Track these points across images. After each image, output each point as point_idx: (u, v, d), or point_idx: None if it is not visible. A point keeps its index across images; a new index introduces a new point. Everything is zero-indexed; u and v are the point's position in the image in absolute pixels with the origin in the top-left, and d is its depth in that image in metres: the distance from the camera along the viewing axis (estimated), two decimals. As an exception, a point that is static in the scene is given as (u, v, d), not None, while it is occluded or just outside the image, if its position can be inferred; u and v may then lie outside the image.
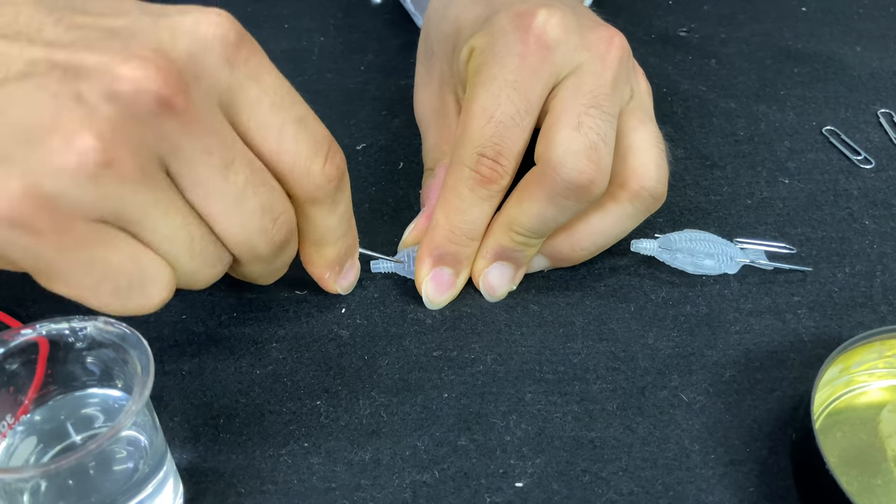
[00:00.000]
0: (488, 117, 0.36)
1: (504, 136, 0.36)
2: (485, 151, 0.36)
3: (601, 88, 0.36)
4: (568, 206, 0.36)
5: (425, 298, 0.39)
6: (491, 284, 0.40)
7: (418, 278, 0.39)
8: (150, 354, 0.28)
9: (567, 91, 0.36)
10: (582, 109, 0.36)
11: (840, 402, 0.36)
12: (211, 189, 0.29)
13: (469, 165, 0.37)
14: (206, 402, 0.36)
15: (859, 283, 0.41)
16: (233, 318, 0.39)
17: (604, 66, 0.37)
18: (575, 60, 0.37)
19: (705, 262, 0.41)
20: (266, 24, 0.59)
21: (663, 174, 0.38)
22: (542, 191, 0.36)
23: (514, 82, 0.36)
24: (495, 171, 0.36)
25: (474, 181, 0.37)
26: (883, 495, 0.33)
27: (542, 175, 0.36)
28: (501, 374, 0.37)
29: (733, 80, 0.55)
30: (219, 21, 0.29)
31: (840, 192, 0.47)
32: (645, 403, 0.36)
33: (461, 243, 0.38)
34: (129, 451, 0.30)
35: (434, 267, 0.39)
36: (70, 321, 0.29)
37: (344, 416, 0.35)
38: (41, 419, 0.30)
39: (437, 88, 0.43)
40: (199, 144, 0.28)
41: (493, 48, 0.37)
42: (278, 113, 0.31)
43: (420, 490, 0.33)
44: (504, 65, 0.36)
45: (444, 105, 0.43)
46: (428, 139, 0.43)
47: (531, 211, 0.37)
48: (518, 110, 0.36)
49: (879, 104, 0.53)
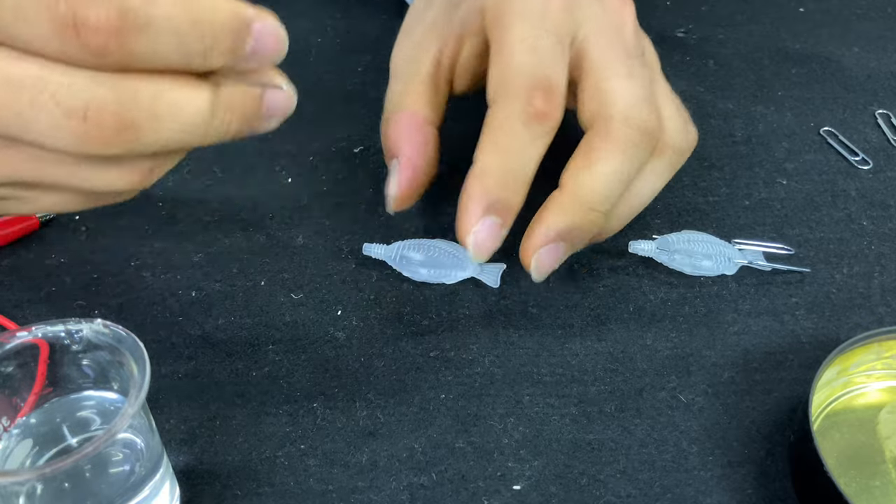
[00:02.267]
0: (530, 47, 0.34)
1: (549, 65, 0.34)
2: (537, 84, 0.33)
3: (629, 41, 0.36)
4: (640, 156, 0.35)
5: (472, 250, 0.35)
6: (546, 265, 0.36)
7: (464, 229, 0.35)
8: (146, 357, 0.28)
9: (600, 46, 0.35)
10: (626, 60, 0.35)
11: (838, 403, 0.36)
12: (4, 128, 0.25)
13: (522, 99, 0.33)
14: (202, 405, 0.36)
15: (857, 285, 0.41)
16: (229, 321, 0.39)
17: (622, 21, 0.37)
18: (593, 13, 0.36)
19: (703, 264, 0.41)
20: (263, 25, 0.59)
21: (683, 127, 0.37)
22: (616, 146, 0.34)
23: (542, 19, 0.35)
24: (550, 104, 0.33)
25: (528, 115, 0.33)
26: (881, 496, 0.32)
27: (610, 129, 0.34)
28: (499, 376, 0.37)
29: (731, 81, 0.55)
30: None
31: (838, 193, 0.47)
32: (643, 405, 0.36)
33: (514, 189, 0.34)
34: (125, 454, 0.29)
35: (483, 216, 0.34)
36: (66, 323, 0.29)
37: (340, 417, 0.35)
38: (37, 422, 0.30)
39: (420, 37, 0.40)
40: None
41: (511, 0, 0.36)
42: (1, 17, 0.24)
43: (417, 493, 0.33)
44: (529, 9, 0.35)
45: (420, 53, 0.40)
46: (395, 84, 0.40)
47: (606, 171, 0.34)
48: (554, 42, 0.34)
49: (877, 105, 0.53)
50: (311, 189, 0.46)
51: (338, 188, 0.46)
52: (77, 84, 0.25)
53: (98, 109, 0.25)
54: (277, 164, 0.48)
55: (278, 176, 0.47)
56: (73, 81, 0.25)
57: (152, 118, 0.27)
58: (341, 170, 0.47)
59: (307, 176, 0.47)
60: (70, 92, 0.25)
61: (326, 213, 0.44)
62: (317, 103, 0.52)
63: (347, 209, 0.45)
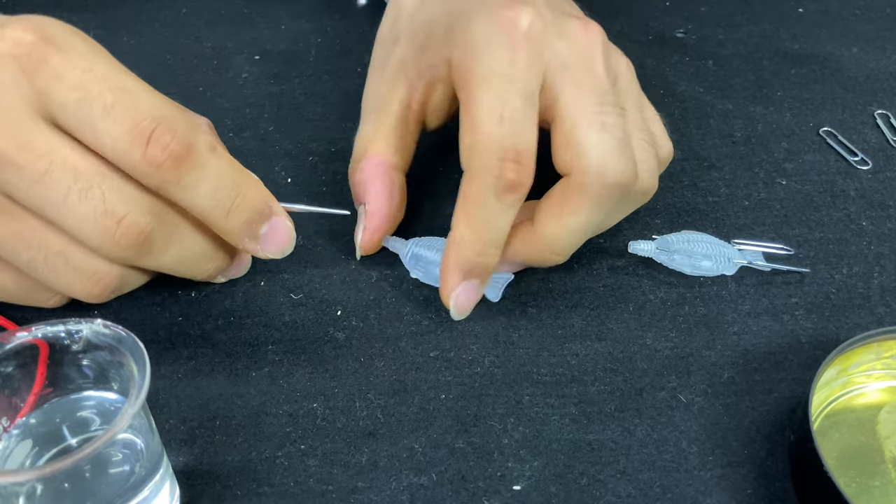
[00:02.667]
0: (498, 116, 0.34)
1: (519, 133, 0.34)
2: (506, 155, 0.34)
3: (600, 83, 0.36)
4: (611, 208, 0.36)
5: (454, 311, 0.38)
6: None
7: (445, 292, 0.37)
8: (146, 357, 0.28)
9: (569, 92, 0.36)
10: (595, 109, 0.35)
11: (838, 403, 0.36)
12: (37, 201, 0.30)
13: (492, 173, 0.34)
14: (202, 405, 0.36)
15: (857, 285, 0.41)
16: (228, 321, 0.39)
17: (590, 56, 0.36)
18: (559, 51, 0.36)
19: (703, 264, 0.41)
20: (263, 24, 0.59)
21: (650, 168, 0.37)
22: (587, 199, 0.35)
23: (511, 76, 0.35)
24: (520, 175, 0.34)
25: (501, 188, 0.34)
26: (881, 497, 0.32)
27: (585, 184, 0.35)
28: (499, 376, 0.37)
29: (730, 82, 0.55)
30: (10, 35, 0.30)
31: (837, 193, 0.47)
32: (643, 405, 0.36)
33: (490, 255, 0.37)
34: (125, 454, 0.29)
35: (463, 281, 0.37)
36: (66, 323, 0.29)
37: (340, 418, 0.35)
38: (37, 422, 0.30)
39: (391, 75, 0.41)
40: (5, 161, 0.29)
41: (476, 50, 0.35)
42: (85, 107, 0.30)
43: (417, 493, 0.33)
44: (495, 60, 0.35)
45: (390, 90, 0.41)
46: (364, 127, 0.42)
47: (577, 224, 0.36)
48: (524, 103, 0.35)
49: (876, 105, 0.53)
50: (311, 189, 0.46)
51: (337, 188, 0.46)
52: (126, 192, 0.31)
53: (134, 219, 0.31)
54: (277, 164, 0.47)
55: (278, 176, 0.47)
56: (125, 189, 0.31)
57: (167, 241, 0.33)
58: (340, 170, 0.47)
59: (306, 176, 0.47)
60: (119, 196, 0.31)
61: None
62: (316, 103, 0.52)
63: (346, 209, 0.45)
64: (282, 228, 0.35)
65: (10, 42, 0.30)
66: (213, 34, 0.58)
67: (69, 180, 0.30)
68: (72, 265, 0.33)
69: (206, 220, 0.33)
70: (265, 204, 0.35)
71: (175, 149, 0.30)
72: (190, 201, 0.32)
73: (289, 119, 0.51)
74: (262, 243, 0.35)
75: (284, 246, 0.36)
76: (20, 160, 0.29)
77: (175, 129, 0.30)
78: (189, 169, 0.31)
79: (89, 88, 0.30)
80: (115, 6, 0.60)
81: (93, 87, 0.30)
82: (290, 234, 0.36)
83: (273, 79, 0.54)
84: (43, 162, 0.30)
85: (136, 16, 0.60)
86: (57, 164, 0.30)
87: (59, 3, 0.60)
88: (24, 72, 0.30)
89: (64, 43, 0.30)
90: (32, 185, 0.30)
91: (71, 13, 0.59)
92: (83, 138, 0.31)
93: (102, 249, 0.32)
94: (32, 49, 0.30)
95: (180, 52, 0.56)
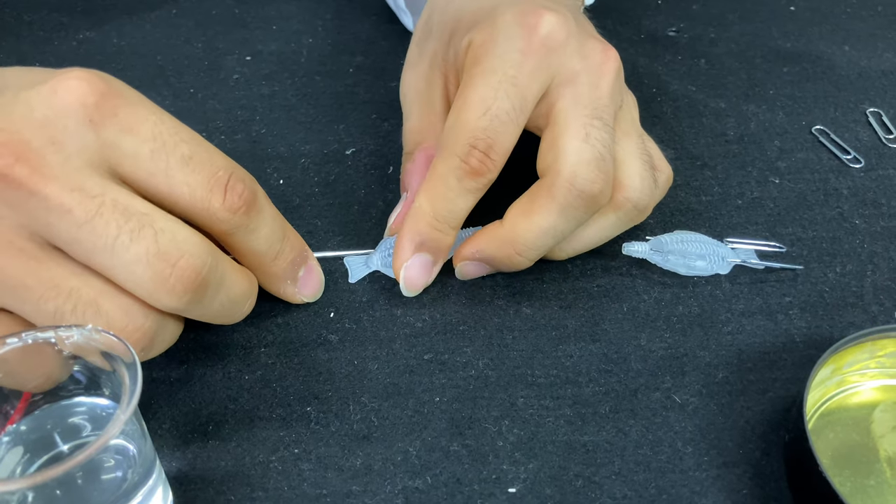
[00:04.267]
0: (485, 109, 0.36)
1: (497, 131, 0.36)
2: (476, 144, 0.36)
3: (600, 100, 0.37)
4: (577, 217, 0.37)
5: (403, 284, 0.39)
6: (468, 273, 0.40)
7: (397, 263, 0.38)
8: (138, 362, 0.27)
9: (567, 100, 0.37)
10: (586, 121, 0.36)
11: (832, 402, 0.36)
12: (83, 245, 0.29)
13: (459, 155, 0.36)
14: (194, 409, 0.35)
15: (850, 283, 0.41)
16: (221, 325, 0.39)
17: (600, 76, 0.37)
18: (571, 66, 0.37)
19: (697, 264, 0.41)
20: (254, 25, 0.59)
21: (647, 185, 0.38)
22: (555, 203, 0.36)
23: (513, 77, 0.36)
24: (484, 165, 0.36)
25: (463, 171, 0.36)
26: (876, 496, 0.32)
27: (554, 186, 0.36)
28: (493, 379, 0.37)
29: (723, 80, 0.55)
30: (77, 84, 0.30)
31: (830, 191, 0.47)
32: (637, 406, 0.36)
33: (443, 231, 0.38)
34: (117, 460, 0.29)
35: (415, 253, 0.38)
36: (56, 329, 0.29)
37: (334, 421, 0.35)
38: (27, 429, 0.30)
39: (427, 70, 0.43)
40: (55, 204, 0.29)
41: (494, 41, 0.37)
42: (161, 158, 0.31)
43: (412, 496, 0.33)
44: (505, 59, 0.36)
45: (430, 87, 0.42)
46: (409, 120, 0.43)
47: (542, 224, 0.37)
48: (514, 107, 0.36)
49: (868, 103, 0.53)
50: (303, 191, 0.46)
51: (329, 190, 0.46)
52: (181, 234, 0.31)
53: (190, 262, 0.30)
54: (269, 167, 0.47)
55: (270, 178, 0.47)
56: (178, 231, 0.31)
57: (218, 285, 0.32)
58: (333, 171, 0.47)
59: (299, 178, 0.47)
60: (173, 238, 0.30)
61: (318, 214, 0.44)
62: (308, 105, 0.52)
63: (339, 211, 0.45)
64: (315, 272, 0.39)
65: (76, 92, 0.30)
66: (203, 35, 0.58)
67: (120, 220, 0.29)
68: (104, 316, 0.30)
69: (258, 263, 0.36)
70: (304, 247, 0.38)
71: (248, 196, 0.33)
72: (251, 244, 0.34)
73: (281, 121, 0.51)
74: (300, 286, 0.38)
75: (317, 289, 0.39)
76: (70, 202, 0.29)
77: (244, 179, 0.33)
78: (256, 214, 0.34)
79: (164, 140, 0.31)
80: (105, 7, 0.60)
81: (167, 140, 0.31)
82: (321, 277, 0.40)
83: (265, 80, 0.54)
84: (93, 203, 0.29)
85: (126, 17, 0.59)
86: (108, 205, 0.29)
87: (49, 5, 0.60)
88: (92, 122, 0.30)
89: (130, 96, 0.31)
90: (81, 226, 0.29)
91: (61, 15, 0.59)
92: (152, 188, 0.31)
93: (154, 295, 0.30)
94: (101, 101, 0.30)
95: (171, 54, 0.56)
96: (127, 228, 0.29)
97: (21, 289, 0.29)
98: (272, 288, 0.38)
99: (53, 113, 0.29)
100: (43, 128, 0.29)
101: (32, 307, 0.30)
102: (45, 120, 0.29)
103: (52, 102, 0.30)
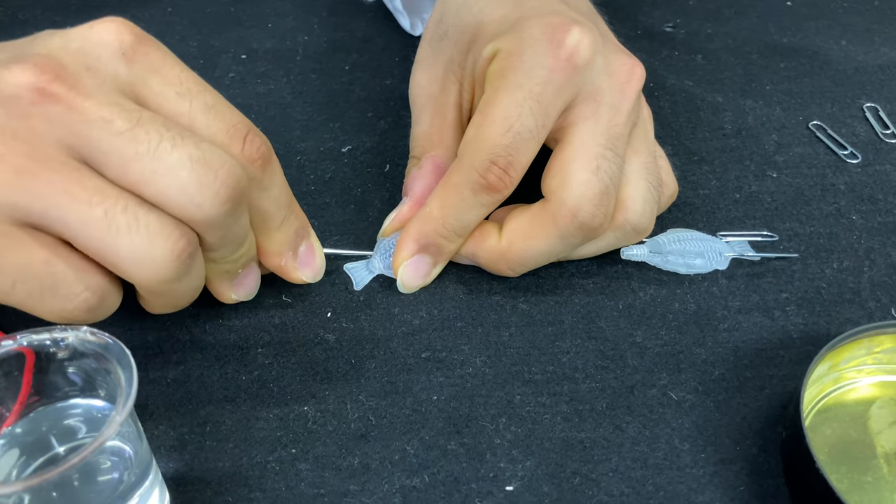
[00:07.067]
0: (508, 126, 0.35)
1: (518, 149, 0.36)
2: (497, 160, 0.36)
3: (617, 127, 0.37)
4: (575, 243, 0.37)
5: (399, 281, 0.39)
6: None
7: (397, 260, 0.39)
8: (134, 364, 0.27)
9: (586, 124, 0.36)
10: (599, 150, 0.36)
11: (829, 399, 0.36)
12: (123, 155, 0.29)
13: (478, 169, 0.36)
14: (191, 410, 0.35)
15: (847, 279, 0.41)
16: (217, 325, 0.39)
17: (622, 97, 0.37)
18: (597, 84, 0.37)
19: (696, 262, 0.41)
20: (249, 23, 0.59)
21: (649, 208, 0.38)
22: (555, 229, 0.36)
23: (538, 95, 0.36)
24: (502, 181, 0.36)
25: (480, 186, 0.36)
26: (873, 492, 0.33)
27: (556, 214, 0.36)
28: (490, 376, 0.37)
29: (720, 75, 0.55)
30: (114, 26, 0.31)
31: (827, 186, 0.47)
32: (634, 402, 0.36)
33: (449, 238, 0.38)
34: (113, 462, 0.29)
35: (416, 254, 0.39)
36: (51, 331, 0.29)
37: (332, 420, 0.35)
38: (23, 431, 0.30)
39: (441, 73, 0.42)
40: (95, 117, 0.29)
41: (521, 55, 0.36)
42: (185, 101, 0.32)
43: (410, 495, 0.33)
44: (531, 75, 0.36)
45: (443, 93, 0.42)
46: (419, 124, 0.43)
47: (540, 248, 0.37)
48: (536, 124, 0.36)
49: (865, 98, 0.53)
50: (299, 189, 0.46)
51: (326, 188, 0.46)
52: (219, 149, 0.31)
53: (230, 172, 0.31)
54: (265, 165, 0.47)
55: (266, 177, 0.46)
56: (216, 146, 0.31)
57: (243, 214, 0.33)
58: (329, 169, 0.47)
59: (294, 176, 0.46)
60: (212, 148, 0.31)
61: (314, 213, 0.44)
62: (304, 103, 0.52)
63: (335, 209, 0.44)
64: (317, 251, 0.38)
65: (113, 31, 0.31)
66: (199, 33, 0.58)
67: (161, 129, 0.30)
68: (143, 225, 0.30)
69: (265, 226, 0.35)
70: (307, 223, 0.38)
71: (265, 151, 0.33)
72: (261, 202, 0.34)
73: (276, 119, 0.51)
74: (300, 262, 0.38)
75: (317, 270, 0.39)
76: (110, 114, 0.29)
77: (261, 135, 0.34)
78: (270, 171, 0.34)
79: (189, 87, 0.32)
80: (98, 6, 0.60)
81: (192, 87, 0.32)
82: (322, 259, 0.39)
83: (260, 78, 0.54)
84: (133, 115, 0.30)
85: (120, 15, 0.59)
86: (146, 118, 0.30)
87: (43, 4, 0.60)
88: (125, 56, 0.31)
89: (161, 46, 0.33)
90: (122, 133, 0.29)
91: (55, 13, 0.59)
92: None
93: (196, 199, 0.30)
94: (135, 41, 0.31)
95: (166, 52, 0.56)
96: (168, 136, 0.30)
97: (66, 198, 0.29)
98: (273, 260, 0.37)
99: (89, 45, 0.31)
100: (79, 55, 0.30)
101: (78, 216, 0.29)
102: (81, 50, 0.30)
103: (89, 36, 0.31)
